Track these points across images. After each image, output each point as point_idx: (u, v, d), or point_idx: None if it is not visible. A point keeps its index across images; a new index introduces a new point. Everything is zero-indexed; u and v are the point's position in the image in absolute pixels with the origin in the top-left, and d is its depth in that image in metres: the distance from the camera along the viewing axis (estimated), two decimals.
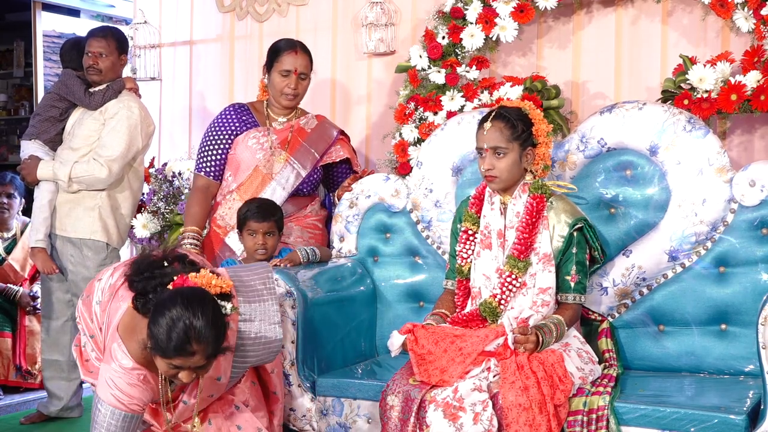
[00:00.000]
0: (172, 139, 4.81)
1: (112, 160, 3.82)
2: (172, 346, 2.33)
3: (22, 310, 4.78)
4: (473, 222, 3.04)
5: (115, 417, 2.49)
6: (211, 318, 2.37)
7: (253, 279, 2.70)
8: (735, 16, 3.23)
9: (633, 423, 2.61)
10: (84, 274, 3.89)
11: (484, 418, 2.55)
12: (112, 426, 2.49)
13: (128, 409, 2.50)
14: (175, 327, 2.32)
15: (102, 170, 3.81)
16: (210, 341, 2.36)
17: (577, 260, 2.91)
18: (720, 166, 3.03)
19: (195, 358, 2.36)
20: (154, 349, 2.37)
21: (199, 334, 2.33)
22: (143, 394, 2.52)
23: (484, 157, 2.91)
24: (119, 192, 3.96)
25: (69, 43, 4.18)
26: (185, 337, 2.32)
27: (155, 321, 2.35)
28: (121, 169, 3.87)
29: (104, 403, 2.50)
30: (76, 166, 3.83)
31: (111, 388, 2.49)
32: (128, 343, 2.49)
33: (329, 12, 4.30)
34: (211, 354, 2.39)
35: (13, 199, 4.93)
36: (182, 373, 2.41)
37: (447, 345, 2.74)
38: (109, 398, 2.49)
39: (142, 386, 2.51)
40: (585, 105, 3.70)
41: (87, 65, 3.92)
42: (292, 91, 3.52)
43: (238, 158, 3.56)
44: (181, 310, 2.33)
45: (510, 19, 3.59)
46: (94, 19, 6.13)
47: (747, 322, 2.96)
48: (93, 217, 3.89)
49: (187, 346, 2.33)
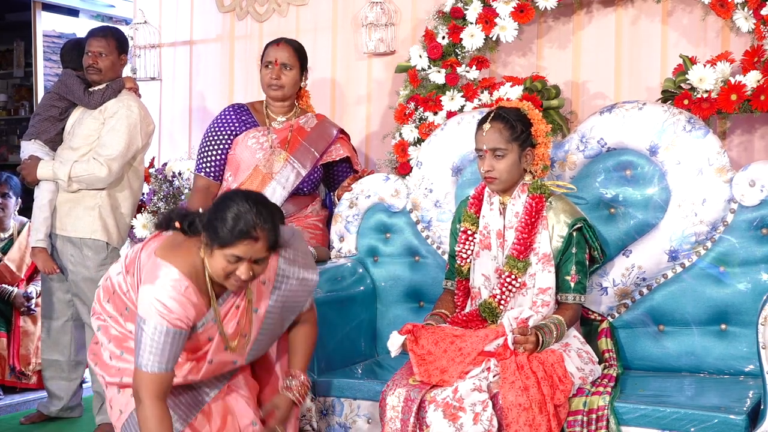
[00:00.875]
0: (172, 139, 4.81)
1: (111, 159, 3.82)
2: (238, 231, 2.39)
3: (16, 311, 4.78)
4: (472, 222, 3.04)
5: (160, 333, 2.42)
6: (272, 210, 2.48)
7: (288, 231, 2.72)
8: (735, 16, 3.23)
9: (633, 423, 2.61)
10: (84, 274, 3.89)
11: (484, 418, 2.55)
12: (156, 343, 2.42)
13: (173, 325, 2.43)
14: (241, 213, 2.40)
15: (102, 169, 3.81)
16: (272, 229, 2.43)
17: (576, 260, 2.91)
18: (720, 166, 3.03)
19: (258, 245, 2.42)
20: (216, 240, 2.41)
21: (264, 219, 2.41)
22: (188, 310, 2.46)
23: (483, 159, 2.91)
24: (119, 191, 3.96)
25: (70, 43, 4.18)
26: (252, 221, 2.40)
27: (217, 213, 2.43)
28: (120, 169, 3.87)
29: (148, 321, 2.42)
30: (76, 165, 3.83)
31: (155, 304, 2.43)
32: (172, 260, 2.48)
33: (329, 12, 4.30)
34: (271, 244, 2.45)
35: (8, 199, 4.93)
36: (241, 267, 2.43)
37: (447, 345, 2.74)
38: (152, 315, 2.42)
39: (187, 301, 2.46)
40: (585, 105, 3.70)
41: (87, 64, 3.92)
42: (275, 81, 3.51)
43: (237, 158, 3.56)
44: (245, 200, 2.43)
45: (510, 19, 3.59)
46: (94, 19, 6.13)
47: (747, 322, 2.96)
48: (93, 216, 3.89)
49: (252, 230, 2.39)
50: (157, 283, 2.45)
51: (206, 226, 2.45)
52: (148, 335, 2.42)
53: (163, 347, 2.43)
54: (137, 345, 2.46)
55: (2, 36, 6.66)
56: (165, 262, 2.47)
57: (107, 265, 3.85)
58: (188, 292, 2.47)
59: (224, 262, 2.44)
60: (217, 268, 2.46)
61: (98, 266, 3.88)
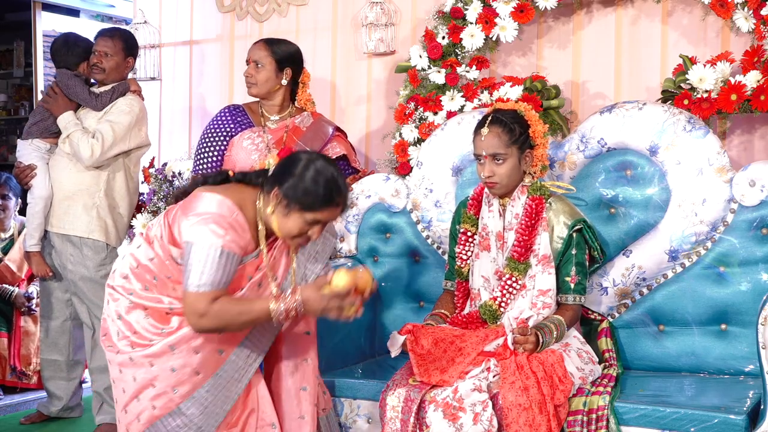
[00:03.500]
0: (171, 139, 4.81)
1: (99, 146, 3.82)
2: (329, 198, 2.46)
3: (17, 311, 4.78)
4: (472, 224, 3.04)
5: (215, 251, 2.39)
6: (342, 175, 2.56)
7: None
8: (735, 16, 3.23)
9: (633, 423, 2.61)
10: (83, 273, 3.89)
11: (483, 418, 2.55)
12: (209, 264, 2.39)
13: (227, 247, 2.41)
14: (332, 181, 2.47)
15: (87, 150, 3.81)
16: (348, 195, 2.54)
17: (576, 261, 2.91)
18: (720, 166, 3.03)
19: (338, 210, 2.51)
20: (302, 203, 2.45)
21: (344, 186, 2.51)
22: (241, 235, 2.46)
23: (483, 164, 2.90)
24: (117, 192, 3.96)
25: (57, 42, 4.11)
26: (341, 188, 2.49)
27: (299, 175, 2.46)
28: (102, 159, 3.85)
29: (197, 244, 2.40)
30: (80, 134, 3.84)
31: (208, 226, 2.40)
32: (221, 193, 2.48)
33: (329, 12, 4.30)
34: (345, 208, 2.54)
35: (8, 200, 4.93)
36: (314, 229, 2.50)
37: (447, 345, 2.74)
38: (205, 236, 2.40)
39: (239, 227, 2.46)
40: (585, 105, 3.70)
41: (92, 63, 3.94)
42: (248, 78, 3.55)
43: (234, 159, 3.57)
44: (329, 164, 2.50)
45: (510, 19, 3.59)
46: (94, 19, 6.13)
47: (747, 322, 2.96)
48: (92, 216, 3.89)
49: (335, 197, 2.47)
50: (209, 207, 2.44)
51: (290, 187, 2.46)
52: (200, 257, 2.39)
53: (217, 268, 2.40)
54: (186, 270, 2.41)
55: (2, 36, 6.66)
56: (213, 194, 2.47)
57: (107, 265, 3.86)
58: (240, 219, 2.47)
59: (302, 223, 2.48)
60: (291, 227, 2.49)
61: (97, 266, 3.88)
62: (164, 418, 2.53)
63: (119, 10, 6.15)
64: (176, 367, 2.51)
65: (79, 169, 3.89)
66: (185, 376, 2.52)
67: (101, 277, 3.85)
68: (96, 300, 3.85)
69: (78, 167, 3.89)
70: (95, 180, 3.91)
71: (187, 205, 2.51)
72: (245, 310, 2.45)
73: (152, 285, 2.56)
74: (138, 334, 2.55)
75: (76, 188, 3.90)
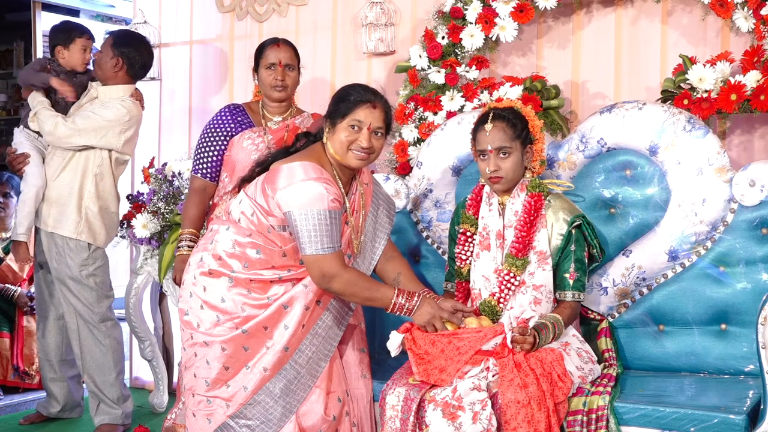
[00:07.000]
0: (171, 139, 4.81)
1: (67, 128, 3.81)
2: (359, 97, 2.74)
3: (20, 311, 4.78)
4: (471, 224, 3.04)
5: (322, 216, 2.63)
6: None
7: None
8: (735, 16, 3.23)
9: (633, 423, 2.61)
10: (66, 272, 3.89)
11: (483, 417, 2.55)
12: (318, 225, 2.63)
13: (331, 207, 2.65)
14: (358, 87, 2.79)
15: (50, 125, 3.82)
16: (387, 104, 2.80)
17: (575, 258, 2.91)
18: (720, 166, 3.03)
19: (376, 112, 2.75)
20: (339, 113, 2.74)
21: (380, 95, 2.79)
22: (334, 188, 2.68)
23: (486, 159, 2.91)
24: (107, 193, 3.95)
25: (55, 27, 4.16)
26: (370, 90, 2.78)
27: (335, 95, 2.80)
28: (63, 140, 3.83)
29: (303, 211, 2.63)
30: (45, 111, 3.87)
31: (308, 193, 2.64)
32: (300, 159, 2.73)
33: (329, 12, 4.30)
34: (387, 116, 2.79)
35: (9, 198, 4.93)
36: (362, 135, 2.73)
37: (444, 345, 2.74)
38: (311, 202, 2.63)
39: (332, 180, 2.72)
40: (585, 105, 3.70)
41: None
42: (280, 82, 3.48)
43: (233, 159, 3.56)
44: (360, 84, 2.84)
45: (510, 19, 3.59)
46: (94, 19, 6.14)
47: (747, 322, 2.96)
48: (81, 218, 3.89)
49: (371, 96, 2.75)
50: (297, 175, 2.66)
51: (328, 113, 2.78)
52: (311, 222, 2.63)
53: (329, 228, 2.65)
54: (301, 237, 2.64)
55: (2, 36, 6.67)
56: (294, 162, 2.69)
57: (88, 265, 3.88)
58: (325, 174, 2.71)
59: (347, 131, 2.73)
60: (341, 141, 2.74)
61: (80, 266, 3.89)
62: (275, 377, 2.74)
63: (119, 10, 6.16)
64: (288, 324, 2.76)
65: (72, 169, 3.88)
66: (296, 334, 2.76)
67: (85, 276, 3.86)
68: (81, 298, 3.87)
69: (71, 167, 3.88)
70: (86, 181, 3.89)
71: (273, 179, 2.70)
72: (373, 288, 2.76)
73: (253, 262, 2.74)
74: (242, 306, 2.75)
75: (68, 189, 3.88)
